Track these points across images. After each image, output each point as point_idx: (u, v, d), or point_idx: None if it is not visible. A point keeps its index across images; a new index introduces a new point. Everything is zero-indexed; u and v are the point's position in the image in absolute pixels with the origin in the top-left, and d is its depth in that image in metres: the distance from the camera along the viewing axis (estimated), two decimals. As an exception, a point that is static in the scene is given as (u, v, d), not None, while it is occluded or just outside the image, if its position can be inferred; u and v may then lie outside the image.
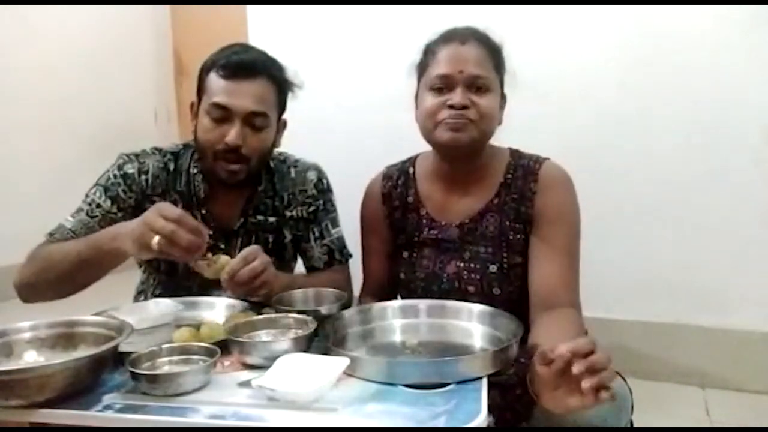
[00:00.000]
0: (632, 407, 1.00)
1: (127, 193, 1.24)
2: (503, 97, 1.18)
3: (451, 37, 1.14)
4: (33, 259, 1.15)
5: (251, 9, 2.38)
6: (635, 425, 1.02)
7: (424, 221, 1.22)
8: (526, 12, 1.95)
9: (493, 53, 1.14)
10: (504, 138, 1.23)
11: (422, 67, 1.18)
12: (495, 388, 0.85)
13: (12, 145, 2.88)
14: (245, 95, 1.17)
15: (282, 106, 1.28)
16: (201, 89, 1.23)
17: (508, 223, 1.15)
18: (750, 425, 1.62)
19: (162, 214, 0.96)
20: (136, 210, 1.21)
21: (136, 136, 3.16)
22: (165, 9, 3.73)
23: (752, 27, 1.75)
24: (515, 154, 1.20)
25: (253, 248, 1.07)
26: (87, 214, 1.22)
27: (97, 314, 1.04)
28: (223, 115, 1.17)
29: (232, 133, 1.16)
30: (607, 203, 1.89)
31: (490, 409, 0.75)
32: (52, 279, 1.12)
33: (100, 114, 3.27)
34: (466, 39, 1.13)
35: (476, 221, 1.17)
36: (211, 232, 1.25)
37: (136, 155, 1.27)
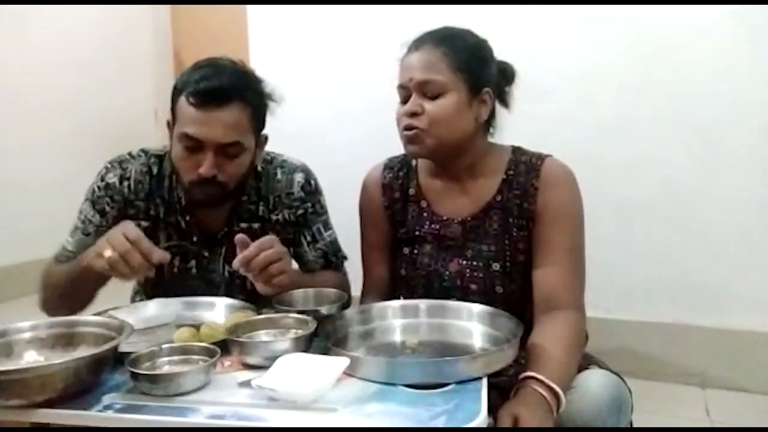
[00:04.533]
0: (632, 408, 1.00)
1: (110, 203, 1.23)
2: (483, 94, 1.12)
3: (410, 44, 1.15)
4: (41, 282, 1.22)
5: (251, 9, 2.38)
6: (635, 425, 1.02)
7: (425, 214, 1.21)
8: (526, 12, 1.95)
9: (452, 52, 1.10)
10: (504, 138, 1.23)
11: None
12: (495, 389, 0.85)
13: (11, 146, 2.88)
14: (216, 126, 1.12)
15: (260, 125, 1.23)
16: (174, 112, 1.18)
17: (511, 220, 1.14)
18: (750, 425, 1.62)
19: (123, 233, 1.00)
20: (121, 219, 1.19)
21: (136, 136, 3.15)
22: (165, 9, 3.73)
23: (751, 27, 1.75)
24: (517, 151, 1.19)
25: (268, 238, 1.07)
26: (83, 233, 1.23)
27: (97, 314, 1.05)
28: (195, 145, 1.13)
29: (205, 166, 1.13)
30: (607, 203, 1.89)
31: (490, 411, 0.75)
32: (57, 299, 1.19)
33: (100, 114, 3.27)
34: (422, 43, 1.12)
35: (479, 218, 1.16)
36: (195, 239, 1.28)
37: (120, 162, 1.26)
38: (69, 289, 1.15)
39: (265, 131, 1.26)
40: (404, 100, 1.13)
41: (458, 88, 1.10)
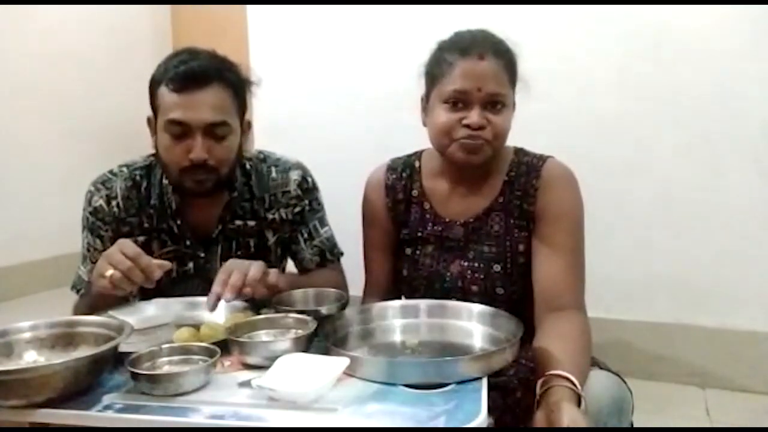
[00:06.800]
0: (632, 409, 1.00)
1: (103, 227, 1.24)
2: (513, 105, 1.16)
3: (469, 49, 1.09)
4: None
5: (251, 9, 2.38)
6: (635, 425, 1.02)
7: (428, 216, 1.21)
8: (526, 11, 1.95)
9: (510, 65, 1.12)
10: (504, 138, 1.23)
11: (435, 75, 1.13)
12: (495, 390, 0.85)
13: (12, 146, 2.87)
14: (201, 107, 1.11)
15: (242, 108, 1.22)
16: (154, 105, 1.17)
17: (512, 221, 1.14)
18: (750, 425, 1.62)
19: (121, 251, 1.00)
20: (117, 239, 1.14)
21: (136, 136, 3.16)
22: (165, 9, 3.73)
23: (751, 25, 1.75)
24: (519, 152, 1.20)
25: (227, 266, 1.04)
26: (91, 261, 1.24)
27: (97, 314, 1.04)
28: (182, 130, 1.12)
29: (196, 150, 1.12)
30: (607, 203, 1.89)
31: (490, 411, 0.75)
32: None
33: (101, 114, 3.27)
34: (485, 53, 1.08)
35: (481, 220, 1.17)
36: (188, 242, 1.27)
37: (103, 182, 1.25)
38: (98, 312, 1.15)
39: (248, 117, 1.25)
40: (455, 106, 1.09)
41: (512, 104, 1.13)
